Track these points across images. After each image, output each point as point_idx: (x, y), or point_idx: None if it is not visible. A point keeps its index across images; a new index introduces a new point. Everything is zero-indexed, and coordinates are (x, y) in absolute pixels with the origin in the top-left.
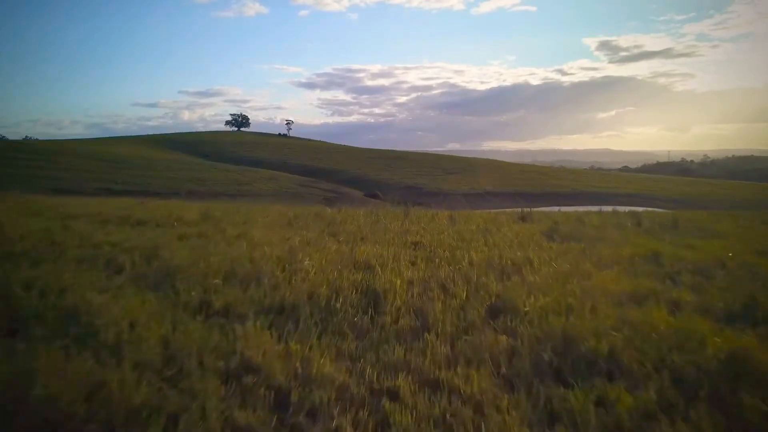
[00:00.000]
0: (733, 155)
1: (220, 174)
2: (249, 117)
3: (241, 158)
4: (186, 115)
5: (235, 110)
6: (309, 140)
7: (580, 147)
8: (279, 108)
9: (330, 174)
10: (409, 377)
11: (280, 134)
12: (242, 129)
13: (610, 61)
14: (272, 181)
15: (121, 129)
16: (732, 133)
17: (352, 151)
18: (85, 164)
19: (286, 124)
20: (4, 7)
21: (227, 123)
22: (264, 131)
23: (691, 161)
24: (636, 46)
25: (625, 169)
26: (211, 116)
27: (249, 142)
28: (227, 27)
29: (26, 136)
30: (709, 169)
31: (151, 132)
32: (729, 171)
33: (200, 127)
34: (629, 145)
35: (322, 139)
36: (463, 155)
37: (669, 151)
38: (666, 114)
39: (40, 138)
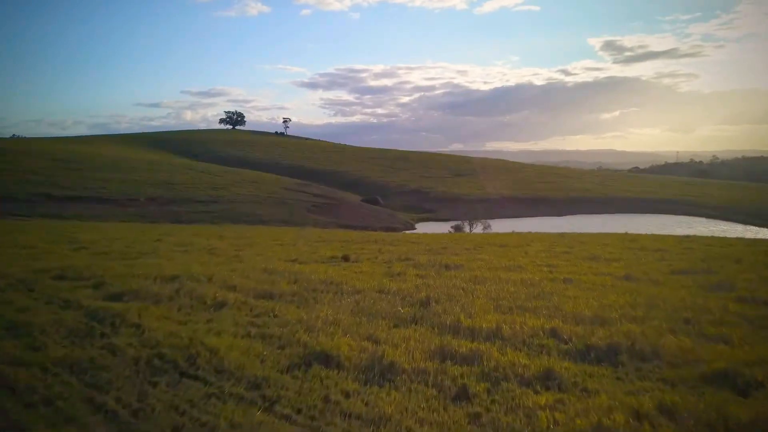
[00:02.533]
0: (743, 156)
1: (195, 176)
2: (245, 115)
3: (230, 158)
4: (188, 116)
5: (239, 110)
6: (306, 139)
7: (583, 148)
8: (282, 108)
9: (326, 176)
10: None
11: (276, 133)
12: (237, 127)
13: (615, 62)
14: (254, 184)
15: (123, 129)
16: (737, 134)
17: (352, 151)
18: (32, 164)
19: (284, 122)
20: (6, 8)
21: (221, 121)
22: (262, 130)
23: (700, 162)
24: (641, 47)
25: (635, 170)
26: (214, 116)
27: (241, 141)
28: (229, 26)
29: (13, 135)
30: (721, 170)
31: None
32: (747, 172)
33: (202, 128)
34: (633, 145)
35: (324, 140)
36: (467, 156)
37: (677, 152)
38: (670, 115)
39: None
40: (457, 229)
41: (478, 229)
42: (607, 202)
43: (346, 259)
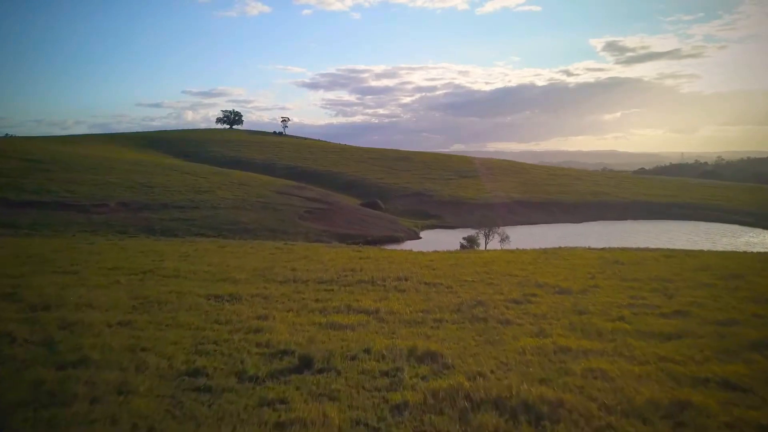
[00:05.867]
0: (748, 157)
1: (178, 178)
2: (247, 116)
3: (223, 159)
4: (190, 116)
5: (239, 110)
6: (304, 139)
7: (585, 148)
8: (283, 108)
9: (323, 177)
10: None
11: (274, 132)
12: (235, 127)
13: (617, 62)
14: (242, 187)
15: (124, 129)
16: (739, 135)
17: (351, 151)
18: None
19: (282, 121)
20: (9, 9)
21: (218, 120)
22: (261, 129)
23: (705, 163)
24: (643, 47)
25: (642, 171)
26: (215, 116)
27: (237, 141)
28: (229, 26)
29: (6, 134)
30: (727, 171)
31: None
32: (753, 174)
33: (201, 128)
34: (635, 146)
35: (325, 140)
36: (469, 156)
37: (682, 153)
38: (672, 116)
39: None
40: (471, 241)
41: (494, 241)
42: (625, 206)
43: (307, 365)
